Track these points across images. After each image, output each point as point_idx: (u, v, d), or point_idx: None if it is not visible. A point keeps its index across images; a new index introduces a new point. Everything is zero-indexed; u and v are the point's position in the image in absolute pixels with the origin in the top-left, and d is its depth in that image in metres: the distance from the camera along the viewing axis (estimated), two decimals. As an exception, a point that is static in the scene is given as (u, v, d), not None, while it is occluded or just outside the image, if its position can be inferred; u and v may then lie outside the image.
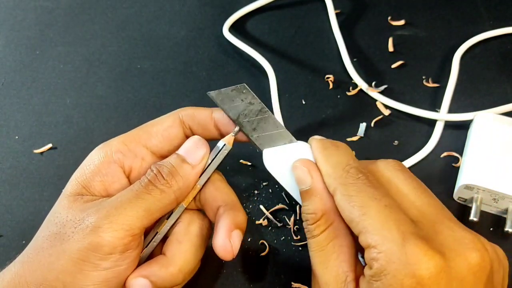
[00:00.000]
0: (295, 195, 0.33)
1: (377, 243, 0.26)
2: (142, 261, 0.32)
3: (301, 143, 0.33)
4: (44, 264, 0.29)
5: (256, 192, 0.43)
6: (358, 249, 0.29)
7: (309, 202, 0.30)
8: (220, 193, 0.33)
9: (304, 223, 0.30)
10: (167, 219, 0.32)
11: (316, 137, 0.33)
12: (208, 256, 0.36)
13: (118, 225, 0.29)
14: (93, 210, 0.29)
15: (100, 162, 0.32)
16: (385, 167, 0.30)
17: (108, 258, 0.29)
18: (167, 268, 0.31)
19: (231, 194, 0.33)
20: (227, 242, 0.31)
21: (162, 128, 0.33)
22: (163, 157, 0.33)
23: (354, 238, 0.29)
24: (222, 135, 0.34)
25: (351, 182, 0.28)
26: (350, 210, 0.28)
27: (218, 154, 0.33)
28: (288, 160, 0.32)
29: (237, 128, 0.33)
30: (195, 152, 0.32)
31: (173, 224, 0.33)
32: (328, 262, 0.28)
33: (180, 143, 0.33)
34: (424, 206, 0.28)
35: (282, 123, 0.31)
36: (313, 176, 0.30)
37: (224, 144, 0.33)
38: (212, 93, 0.33)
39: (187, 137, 0.34)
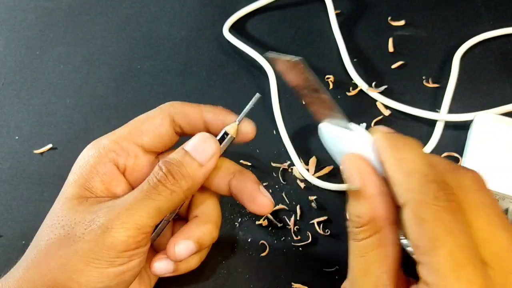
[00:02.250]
0: None
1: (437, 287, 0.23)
2: (153, 240, 0.33)
3: (361, 132, 0.29)
4: (54, 267, 0.29)
5: (256, 192, 0.43)
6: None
7: (357, 203, 0.27)
8: (226, 169, 0.34)
9: (348, 222, 0.27)
10: None
11: (382, 128, 0.28)
12: (209, 256, 0.37)
13: (130, 224, 0.29)
14: (103, 212, 0.29)
15: (96, 162, 0.32)
16: (470, 185, 0.26)
17: (122, 255, 0.29)
18: (204, 225, 0.33)
19: (232, 163, 0.35)
20: (265, 197, 0.33)
21: (153, 126, 0.33)
22: (155, 153, 0.34)
23: (401, 249, 0.26)
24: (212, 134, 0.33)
25: (427, 202, 0.24)
26: (418, 235, 0.24)
27: (221, 144, 0.33)
28: (345, 146, 0.29)
29: (240, 117, 0.33)
30: (203, 149, 0.32)
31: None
32: (368, 270, 0.26)
33: (171, 140, 0.34)
34: (502, 250, 0.24)
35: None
36: (365, 178, 0.27)
37: (227, 134, 0.33)
38: (270, 58, 0.32)
39: (176, 133, 0.34)
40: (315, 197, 0.42)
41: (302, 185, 0.43)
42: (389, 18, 0.53)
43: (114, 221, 0.29)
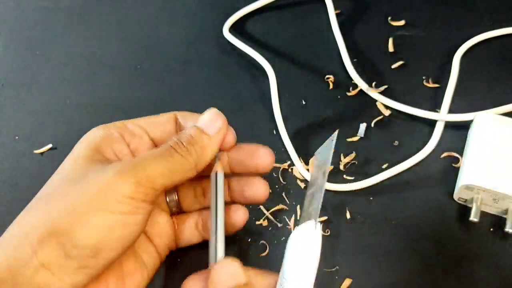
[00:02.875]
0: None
1: None
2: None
3: (307, 226, 0.29)
4: (57, 210, 0.28)
5: (256, 192, 0.43)
6: None
7: None
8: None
9: None
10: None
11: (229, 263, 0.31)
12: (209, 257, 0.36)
13: (142, 174, 0.29)
14: (117, 163, 0.30)
15: (106, 135, 0.33)
16: None
17: (129, 202, 0.29)
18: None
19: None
20: (265, 149, 0.35)
21: (160, 121, 0.35)
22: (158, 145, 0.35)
23: None
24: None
25: None
26: None
27: (218, 187, 0.34)
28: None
29: (219, 152, 0.34)
30: (212, 124, 0.33)
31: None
32: None
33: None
34: None
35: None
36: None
37: (216, 173, 0.34)
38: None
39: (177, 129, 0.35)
40: (315, 197, 0.42)
41: (302, 185, 0.43)
42: (389, 18, 0.53)
43: (127, 168, 0.29)
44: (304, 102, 0.48)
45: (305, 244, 0.29)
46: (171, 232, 0.37)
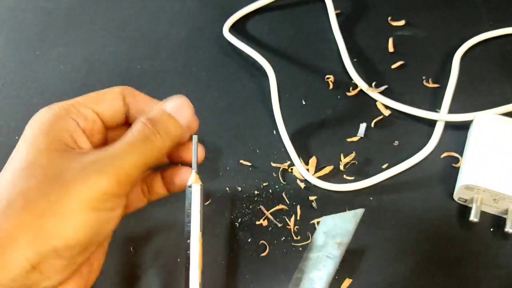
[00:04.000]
0: None
1: None
2: None
3: None
4: (37, 213, 0.27)
5: (256, 192, 0.43)
6: None
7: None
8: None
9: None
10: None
11: None
12: (208, 256, 0.36)
13: (122, 171, 0.28)
14: (92, 158, 0.29)
15: (58, 119, 0.31)
16: None
17: (110, 199, 0.28)
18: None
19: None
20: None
21: (107, 99, 0.33)
22: (110, 127, 0.33)
23: None
24: None
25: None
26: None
27: (193, 199, 0.33)
28: None
29: (194, 164, 0.33)
30: (182, 111, 0.33)
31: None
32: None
33: (121, 119, 0.33)
34: None
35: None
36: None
37: (191, 186, 0.33)
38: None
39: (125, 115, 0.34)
40: (315, 197, 0.42)
41: (302, 185, 0.43)
42: (389, 18, 0.53)
43: (106, 166, 0.28)
44: (304, 102, 0.48)
45: None
46: None
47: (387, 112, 0.47)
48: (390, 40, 0.52)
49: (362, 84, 0.48)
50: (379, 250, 0.39)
